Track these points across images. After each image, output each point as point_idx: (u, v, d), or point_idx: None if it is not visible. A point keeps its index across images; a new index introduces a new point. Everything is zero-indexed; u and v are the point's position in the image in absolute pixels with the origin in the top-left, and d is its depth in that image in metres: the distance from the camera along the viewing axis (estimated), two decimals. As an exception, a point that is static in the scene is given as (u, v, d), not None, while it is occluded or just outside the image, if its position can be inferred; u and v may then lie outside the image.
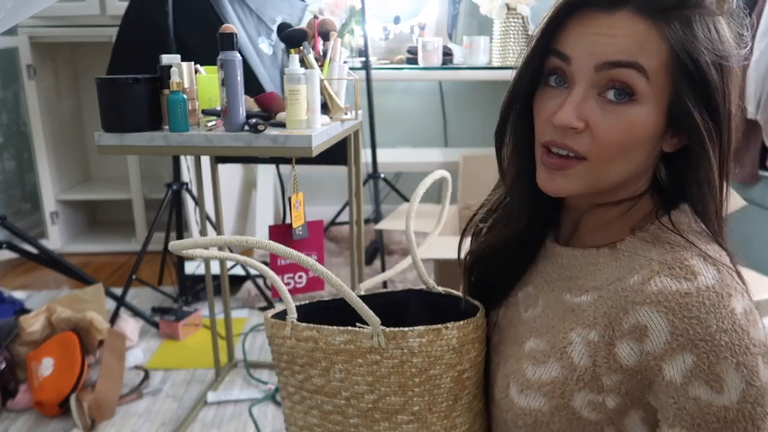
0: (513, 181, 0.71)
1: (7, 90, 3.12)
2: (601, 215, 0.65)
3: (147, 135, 1.32)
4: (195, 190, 1.95)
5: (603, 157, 0.60)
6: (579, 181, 0.61)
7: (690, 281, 0.56)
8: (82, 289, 2.13)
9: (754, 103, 2.17)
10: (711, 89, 0.58)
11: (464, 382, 0.67)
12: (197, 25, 1.81)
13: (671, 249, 0.59)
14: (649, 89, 0.57)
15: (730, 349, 0.53)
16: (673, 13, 0.57)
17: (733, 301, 0.55)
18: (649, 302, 0.56)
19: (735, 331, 0.54)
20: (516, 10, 2.71)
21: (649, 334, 0.56)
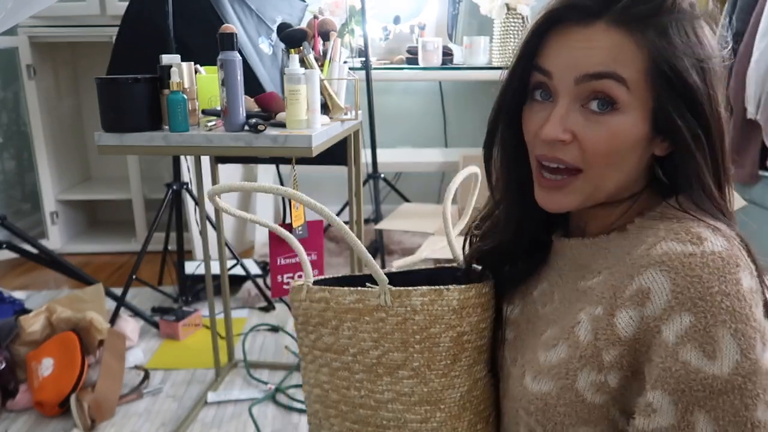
0: (502, 193, 0.73)
1: (7, 90, 3.12)
2: (605, 212, 0.65)
3: (147, 135, 1.32)
4: (195, 190, 1.95)
5: (595, 166, 0.60)
6: (577, 195, 0.62)
7: (696, 245, 0.54)
8: (82, 289, 2.13)
9: (754, 103, 2.17)
10: (692, 93, 0.58)
11: (463, 344, 0.70)
12: (197, 25, 1.81)
13: (678, 221, 0.58)
14: (630, 98, 0.58)
15: (730, 313, 0.51)
16: (648, 22, 0.58)
17: (741, 272, 0.53)
18: (653, 263, 0.55)
19: (738, 298, 0.52)
20: (516, 10, 2.72)
21: (651, 296, 0.54)
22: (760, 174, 2.28)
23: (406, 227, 2.26)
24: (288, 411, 1.77)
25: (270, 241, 1.56)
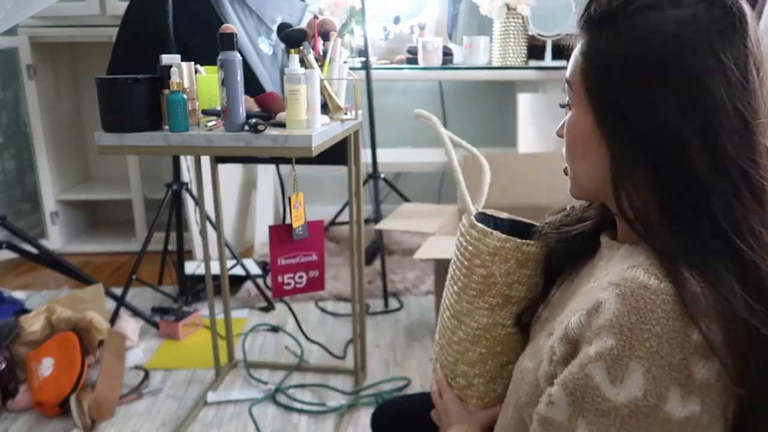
0: None
1: (7, 90, 3.12)
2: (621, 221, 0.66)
3: (147, 135, 1.32)
4: (195, 190, 1.95)
5: (566, 156, 0.69)
6: (571, 181, 0.70)
7: (659, 280, 0.54)
8: (82, 289, 2.13)
9: (754, 103, 2.17)
10: (618, 92, 0.60)
11: (490, 285, 0.80)
12: (197, 25, 1.81)
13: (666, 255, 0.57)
14: (574, 95, 0.65)
15: (651, 354, 0.51)
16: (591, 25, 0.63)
17: (692, 327, 0.51)
18: (617, 283, 0.55)
19: (670, 344, 0.51)
20: (516, 10, 2.72)
21: (600, 309, 0.55)
22: (760, 174, 2.28)
23: (406, 227, 2.26)
24: (288, 411, 1.77)
25: (270, 241, 1.56)
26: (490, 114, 3.38)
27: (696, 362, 0.51)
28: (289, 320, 2.29)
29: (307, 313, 2.38)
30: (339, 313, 2.39)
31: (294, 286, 1.60)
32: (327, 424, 1.71)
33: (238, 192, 3.20)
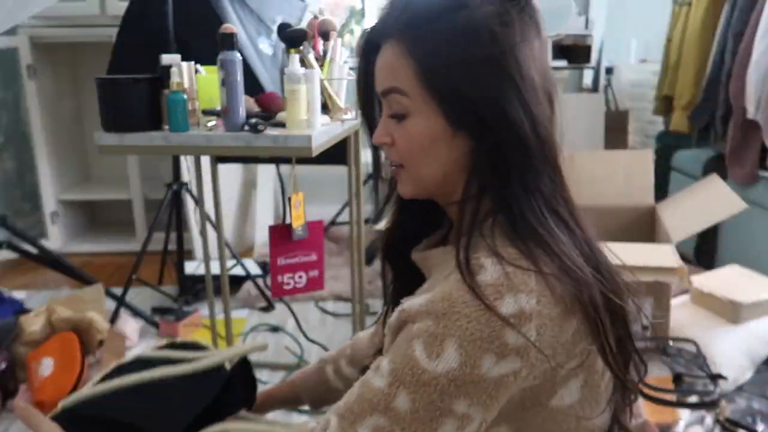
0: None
1: (7, 90, 3.12)
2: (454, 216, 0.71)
3: (147, 135, 1.32)
4: (195, 190, 1.95)
5: (409, 162, 0.70)
6: (408, 185, 0.72)
7: (472, 273, 0.61)
8: (82, 289, 2.13)
9: (754, 104, 2.17)
10: (460, 86, 0.64)
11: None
12: (197, 25, 1.80)
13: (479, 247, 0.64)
14: (414, 103, 0.66)
15: (462, 331, 0.58)
16: (409, 30, 0.65)
17: (503, 301, 0.59)
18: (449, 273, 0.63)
19: (479, 322, 0.58)
20: (516, 10, 2.72)
21: (414, 299, 0.63)
22: (760, 174, 2.28)
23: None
24: (287, 411, 1.77)
25: (270, 241, 1.56)
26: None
27: (506, 333, 0.58)
28: (289, 320, 2.29)
29: (307, 313, 2.38)
30: (339, 313, 2.39)
31: (294, 286, 1.60)
32: (327, 424, 1.71)
33: (238, 192, 3.20)
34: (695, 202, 1.98)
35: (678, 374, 1.49)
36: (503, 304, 0.59)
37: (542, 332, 0.60)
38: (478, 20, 0.64)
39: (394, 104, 0.68)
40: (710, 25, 2.70)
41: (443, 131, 0.66)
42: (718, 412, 1.39)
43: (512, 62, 0.64)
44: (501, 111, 0.64)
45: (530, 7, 0.67)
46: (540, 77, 0.66)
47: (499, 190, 0.65)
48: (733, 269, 1.97)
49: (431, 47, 0.65)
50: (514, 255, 0.62)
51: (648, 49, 3.87)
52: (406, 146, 0.69)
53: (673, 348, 1.49)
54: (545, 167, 0.66)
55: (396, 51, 0.67)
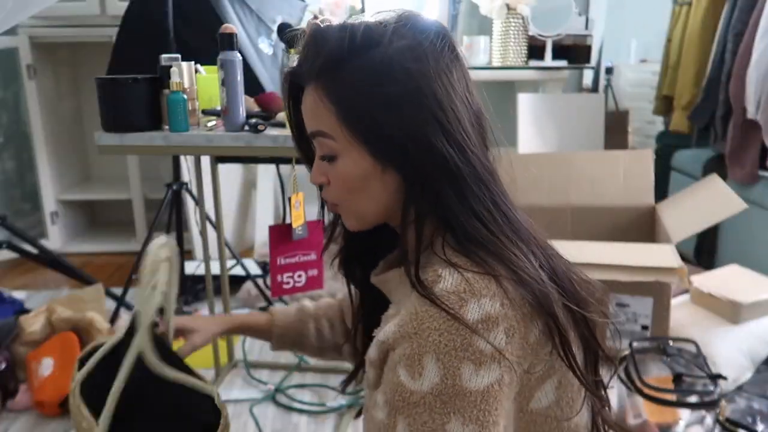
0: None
1: (7, 90, 3.12)
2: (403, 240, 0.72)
3: (147, 135, 1.32)
4: (195, 190, 1.95)
5: (344, 201, 0.71)
6: (351, 218, 0.73)
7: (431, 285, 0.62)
8: (82, 289, 2.13)
9: (754, 103, 2.17)
10: (382, 125, 0.65)
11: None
12: (197, 25, 1.80)
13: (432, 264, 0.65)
14: (340, 145, 0.67)
15: (436, 345, 0.59)
16: (330, 75, 0.66)
17: (467, 307, 0.60)
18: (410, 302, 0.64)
19: (449, 332, 0.59)
20: (516, 10, 2.72)
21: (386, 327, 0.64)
22: (760, 174, 2.28)
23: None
24: (288, 411, 1.77)
25: (270, 241, 1.56)
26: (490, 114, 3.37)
27: (477, 339, 0.59)
28: (289, 320, 2.29)
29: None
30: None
31: (293, 285, 1.60)
32: (327, 424, 1.71)
33: (238, 192, 3.20)
34: (695, 202, 1.98)
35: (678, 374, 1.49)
36: (468, 311, 0.60)
37: (511, 335, 0.60)
38: (392, 58, 0.64)
39: (323, 146, 0.69)
40: (710, 25, 2.70)
41: (373, 169, 0.67)
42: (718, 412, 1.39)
43: (430, 96, 0.64)
44: (426, 145, 0.64)
45: (444, 38, 0.67)
46: (463, 104, 0.67)
47: (439, 214, 0.66)
48: (733, 269, 1.97)
49: (348, 90, 0.65)
50: (469, 264, 0.63)
51: (648, 49, 3.87)
52: (340, 186, 0.70)
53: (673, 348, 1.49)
54: (480, 187, 0.66)
55: (316, 96, 0.67)
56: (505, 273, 0.63)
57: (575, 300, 0.67)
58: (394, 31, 0.66)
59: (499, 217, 0.67)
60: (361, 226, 0.74)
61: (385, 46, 0.65)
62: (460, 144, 0.65)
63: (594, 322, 0.69)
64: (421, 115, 0.64)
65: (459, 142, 0.65)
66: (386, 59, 0.64)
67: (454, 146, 0.65)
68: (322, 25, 0.69)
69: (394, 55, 0.64)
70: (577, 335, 0.68)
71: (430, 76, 0.65)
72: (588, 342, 0.69)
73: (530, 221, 0.71)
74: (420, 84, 0.64)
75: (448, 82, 0.66)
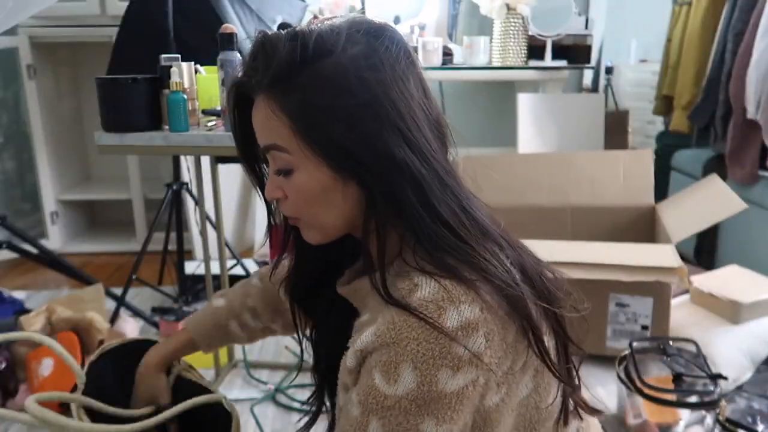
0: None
1: (7, 90, 3.12)
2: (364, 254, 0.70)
3: (147, 135, 1.32)
4: (195, 190, 1.95)
5: (304, 213, 0.69)
6: (313, 232, 0.71)
7: (407, 297, 0.61)
8: (82, 289, 2.13)
9: (754, 103, 2.17)
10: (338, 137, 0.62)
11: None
12: (197, 25, 1.81)
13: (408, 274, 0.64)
14: (295, 158, 0.65)
15: (414, 354, 0.58)
16: (281, 87, 0.63)
17: (446, 315, 0.59)
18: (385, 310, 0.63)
19: (427, 341, 0.58)
20: (516, 10, 2.72)
21: (363, 335, 0.63)
22: (760, 174, 2.28)
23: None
24: (288, 411, 1.77)
25: (271, 240, 1.56)
26: (490, 114, 3.38)
27: (456, 346, 0.59)
28: (289, 320, 2.29)
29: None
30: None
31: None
32: (327, 424, 1.71)
33: (238, 192, 3.20)
34: (695, 202, 1.98)
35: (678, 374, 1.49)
36: (447, 318, 0.59)
37: (491, 338, 0.60)
38: (346, 67, 0.62)
39: (277, 159, 0.66)
40: (710, 25, 2.70)
41: (331, 181, 0.65)
42: (718, 412, 1.39)
43: (388, 105, 0.62)
44: (386, 155, 0.62)
45: (397, 42, 0.65)
46: (421, 110, 0.65)
47: (405, 224, 0.65)
48: (733, 269, 1.97)
49: (302, 101, 0.63)
50: (442, 272, 0.62)
51: (648, 49, 3.87)
52: (298, 200, 0.67)
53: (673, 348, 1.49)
54: (445, 192, 0.65)
55: (268, 108, 0.64)
56: (477, 279, 0.62)
57: (546, 296, 0.67)
58: (348, 38, 0.63)
59: (467, 221, 0.66)
60: (323, 239, 0.71)
61: (339, 54, 0.62)
62: (422, 151, 0.64)
63: (564, 316, 0.70)
64: (379, 125, 0.62)
65: (420, 149, 0.64)
66: (340, 68, 0.62)
67: (416, 154, 0.63)
68: (270, 33, 0.66)
69: (349, 64, 0.62)
70: (549, 327, 0.68)
71: (387, 84, 0.63)
72: (558, 334, 0.69)
73: (498, 220, 0.70)
74: (377, 93, 0.62)
75: (405, 88, 0.64)
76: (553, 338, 0.69)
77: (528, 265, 0.68)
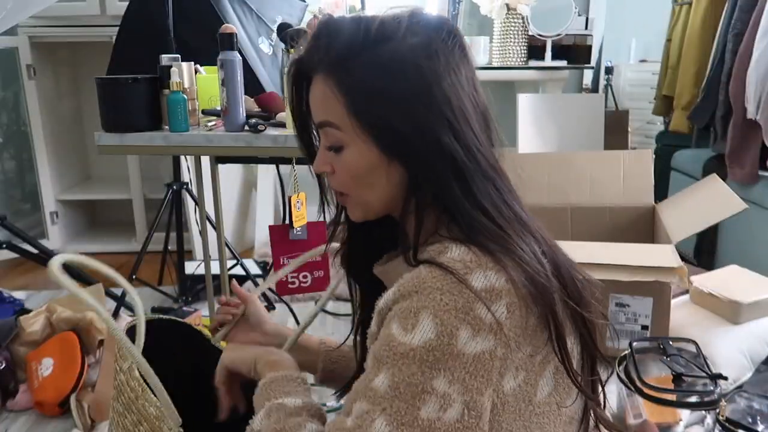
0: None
1: (7, 90, 3.12)
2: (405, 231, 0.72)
3: (147, 135, 1.32)
4: (195, 190, 1.95)
5: (351, 190, 0.72)
6: (356, 209, 0.74)
7: (437, 254, 0.63)
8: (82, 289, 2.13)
9: (754, 103, 2.17)
10: (390, 119, 0.65)
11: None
12: (197, 25, 1.81)
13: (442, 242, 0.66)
14: (347, 135, 0.68)
15: (437, 302, 0.59)
16: (339, 66, 0.66)
17: (473, 275, 0.60)
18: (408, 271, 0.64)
19: (452, 293, 0.59)
20: (516, 10, 2.72)
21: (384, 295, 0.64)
22: (760, 174, 2.28)
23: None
24: (288, 411, 1.77)
25: (272, 240, 1.56)
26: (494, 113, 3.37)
27: (479, 305, 0.59)
28: (290, 320, 2.29)
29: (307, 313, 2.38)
30: (339, 313, 2.39)
31: (299, 285, 1.60)
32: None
33: (238, 192, 3.20)
34: (695, 202, 1.98)
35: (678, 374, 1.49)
36: (473, 279, 0.60)
37: (512, 311, 0.60)
38: (404, 54, 0.65)
39: (329, 136, 0.70)
40: (710, 25, 2.70)
41: (379, 160, 0.68)
42: (718, 412, 1.39)
43: (440, 94, 0.65)
44: (433, 142, 0.65)
45: (453, 36, 0.68)
46: (471, 102, 0.68)
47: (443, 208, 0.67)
48: (733, 269, 1.97)
49: (359, 82, 0.66)
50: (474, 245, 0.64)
51: (648, 49, 3.87)
52: (346, 176, 0.70)
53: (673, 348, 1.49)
54: (486, 184, 0.67)
55: (326, 86, 0.68)
56: (509, 261, 0.63)
57: (576, 299, 0.67)
58: (408, 27, 0.66)
59: (506, 212, 0.67)
60: (365, 216, 0.74)
61: (398, 41, 0.65)
62: (467, 142, 0.66)
63: (593, 323, 0.69)
64: (430, 112, 0.65)
65: (466, 140, 0.66)
66: (399, 55, 0.65)
67: (461, 143, 0.66)
68: (335, 16, 0.69)
69: (407, 52, 0.65)
70: (576, 334, 0.68)
71: (440, 74, 0.65)
72: (586, 341, 0.69)
73: (537, 220, 0.72)
74: (430, 81, 0.65)
75: (457, 80, 0.67)
76: (579, 345, 0.69)
77: (561, 264, 0.69)
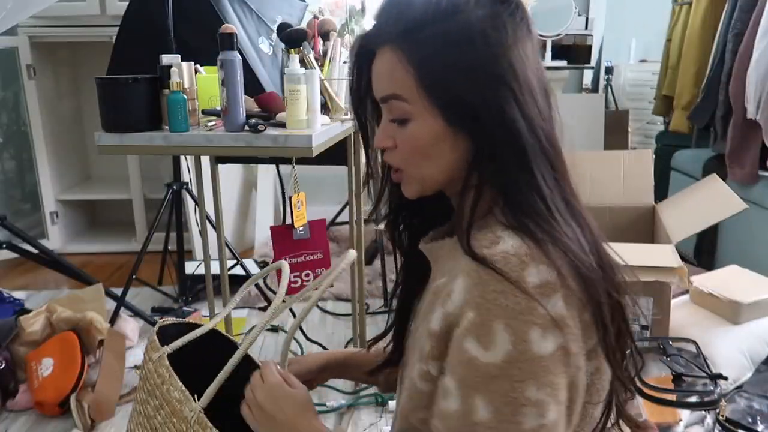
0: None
1: (7, 90, 3.12)
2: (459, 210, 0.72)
3: (147, 135, 1.32)
4: (195, 190, 1.96)
5: (411, 164, 0.71)
6: (413, 184, 0.73)
7: (488, 248, 0.62)
8: (82, 289, 2.13)
9: (754, 103, 2.17)
10: (458, 90, 0.66)
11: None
12: (197, 25, 1.81)
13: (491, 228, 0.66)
14: (414, 108, 0.68)
15: (503, 309, 0.59)
16: (409, 38, 0.66)
17: (528, 269, 0.60)
18: (461, 268, 0.64)
19: (515, 294, 0.59)
20: (516, 10, 2.72)
21: (452, 294, 0.63)
22: (760, 174, 2.28)
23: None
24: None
25: (273, 240, 1.56)
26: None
27: (537, 305, 0.59)
28: (289, 320, 2.29)
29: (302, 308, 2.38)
30: (339, 313, 2.39)
31: (301, 284, 1.61)
32: (327, 424, 1.70)
33: (238, 192, 3.20)
34: (695, 202, 1.98)
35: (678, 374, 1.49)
36: (529, 274, 0.60)
37: (569, 303, 0.61)
38: (472, 24, 0.65)
39: (394, 109, 0.69)
40: (710, 25, 2.70)
41: (444, 133, 0.68)
42: (718, 412, 1.39)
43: (506, 65, 0.65)
44: (499, 113, 0.65)
45: (520, 9, 0.68)
46: (535, 77, 0.68)
47: (501, 184, 0.67)
48: (733, 269, 1.97)
49: (428, 54, 0.66)
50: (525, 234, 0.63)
51: (648, 49, 3.87)
52: (409, 149, 0.70)
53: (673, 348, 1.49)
54: (545, 164, 0.67)
55: (393, 58, 0.68)
56: (556, 252, 0.62)
57: (617, 290, 0.67)
58: (477, 0, 0.67)
59: (557, 193, 0.67)
60: (422, 191, 0.73)
61: (467, 13, 0.66)
62: (530, 116, 0.66)
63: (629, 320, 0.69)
64: (496, 83, 0.65)
65: (529, 113, 0.66)
66: (467, 26, 0.65)
67: (524, 114, 0.66)
68: None
69: (475, 23, 0.65)
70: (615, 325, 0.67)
71: (508, 46, 0.66)
72: (621, 333, 0.68)
73: (584, 207, 0.71)
74: (497, 52, 0.65)
75: (524, 53, 0.67)
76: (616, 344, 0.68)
77: (604, 256, 0.69)
